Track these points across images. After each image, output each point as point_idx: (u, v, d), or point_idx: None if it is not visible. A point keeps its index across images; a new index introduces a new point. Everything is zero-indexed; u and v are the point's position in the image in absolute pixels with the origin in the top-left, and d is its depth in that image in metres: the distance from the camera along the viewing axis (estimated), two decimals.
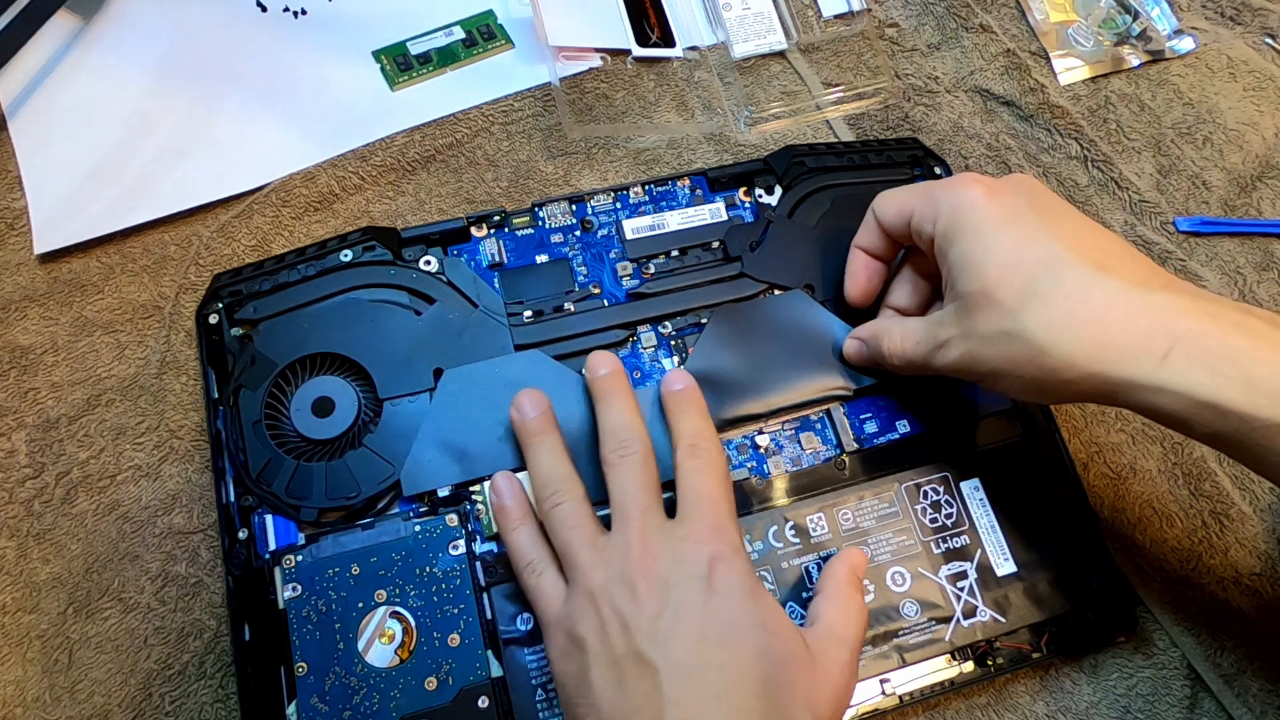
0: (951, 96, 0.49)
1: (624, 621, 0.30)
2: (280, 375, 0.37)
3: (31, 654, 0.36)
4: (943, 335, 0.34)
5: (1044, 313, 0.30)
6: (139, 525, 0.38)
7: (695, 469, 0.33)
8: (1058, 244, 0.31)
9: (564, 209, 0.42)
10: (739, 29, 0.49)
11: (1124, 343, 0.29)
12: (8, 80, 0.45)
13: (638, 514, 0.32)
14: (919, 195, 0.35)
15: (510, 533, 0.34)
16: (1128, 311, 0.30)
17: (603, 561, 0.31)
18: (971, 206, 0.33)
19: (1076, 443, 0.42)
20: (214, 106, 0.45)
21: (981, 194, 0.33)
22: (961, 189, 0.33)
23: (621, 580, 0.30)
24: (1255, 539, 0.40)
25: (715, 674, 0.29)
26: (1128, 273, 0.31)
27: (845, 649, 0.31)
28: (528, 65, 0.48)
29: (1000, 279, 0.31)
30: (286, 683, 0.33)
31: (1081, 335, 0.30)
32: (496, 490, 0.35)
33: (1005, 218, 0.32)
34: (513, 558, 0.34)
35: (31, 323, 0.41)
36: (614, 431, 0.34)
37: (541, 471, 0.34)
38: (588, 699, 0.29)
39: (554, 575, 0.33)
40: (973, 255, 0.32)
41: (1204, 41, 0.51)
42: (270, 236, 0.43)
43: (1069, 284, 0.30)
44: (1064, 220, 0.32)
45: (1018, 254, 0.31)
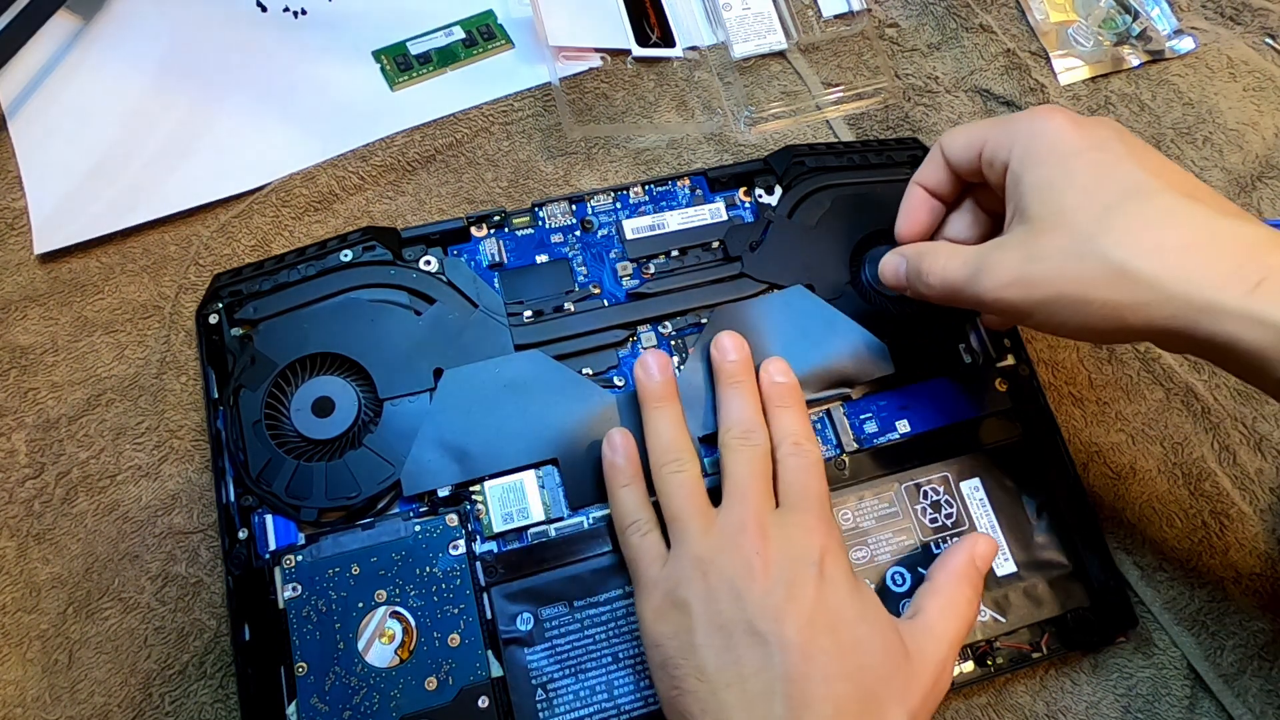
0: (951, 96, 0.49)
1: (736, 592, 0.30)
2: (280, 375, 0.37)
3: (31, 654, 0.36)
4: (998, 257, 0.32)
5: (1125, 235, 0.29)
6: (139, 525, 0.38)
7: (801, 467, 0.34)
8: (1143, 172, 0.30)
9: (564, 209, 0.42)
10: (739, 29, 0.49)
11: (1214, 268, 0.28)
12: (8, 80, 0.45)
13: (754, 497, 0.33)
14: (993, 125, 0.34)
15: (620, 489, 0.35)
16: (1215, 237, 0.28)
17: (715, 532, 0.32)
18: (1056, 132, 0.31)
19: (1076, 443, 0.42)
20: (214, 106, 0.45)
21: (1065, 122, 0.32)
22: (1044, 117, 0.32)
23: (734, 552, 0.31)
24: (1255, 539, 0.40)
25: (823, 658, 0.29)
26: (1217, 204, 0.30)
27: (942, 646, 0.32)
28: (528, 65, 0.48)
29: (1079, 202, 0.30)
30: (286, 683, 0.33)
31: (1167, 258, 0.28)
32: (612, 445, 0.36)
33: (1089, 144, 0.31)
34: (617, 514, 0.35)
35: (31, 323, 0.41)
36: (740, 421, 0.35)
37: (663, 437, 0.35)
38: (692, 660, 0.30)
39: (658, 537, 0.34)
40: (1051, 180, 0.31)
41: (1204, 41, 0.51)
42: (270, 236, 0.43)
43: (1153, 209, 0.29)
44: (1149, 155, 0.31)
45: (1100, 179, 0.30)
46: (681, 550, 0.32)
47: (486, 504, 0.36)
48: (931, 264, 0.34)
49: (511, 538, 0.36)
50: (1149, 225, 0.29)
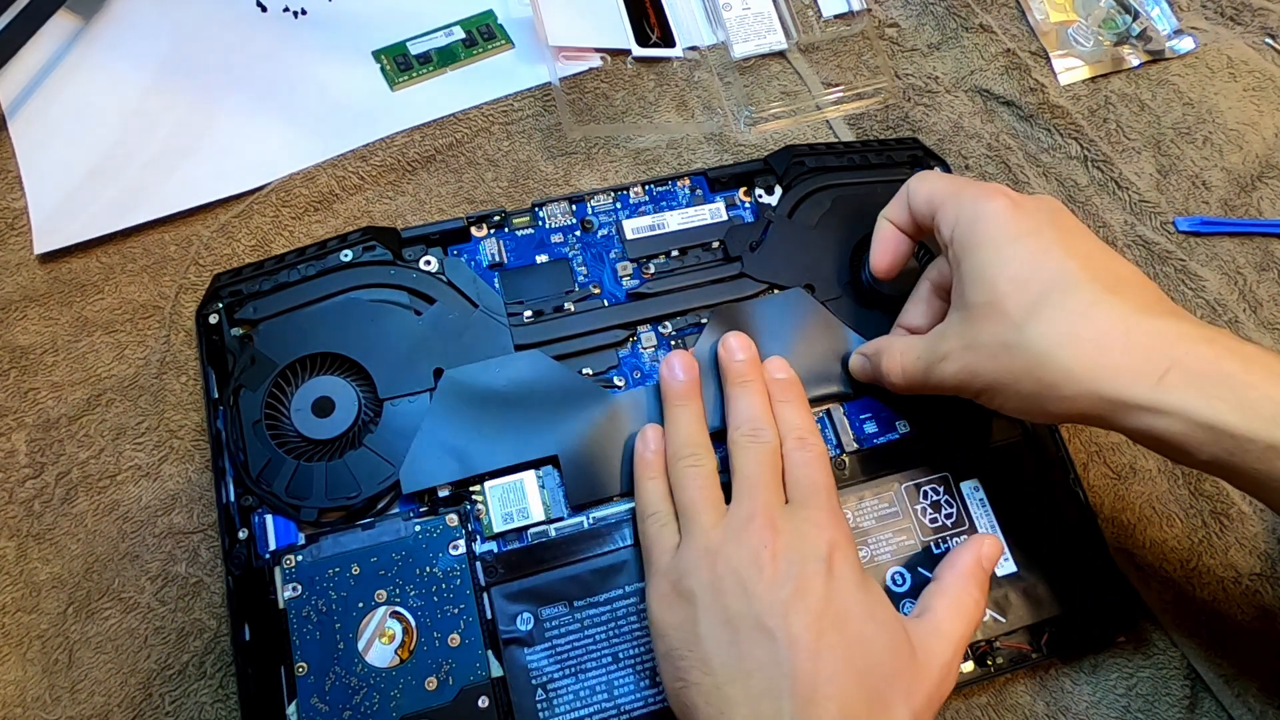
0: (951, 96, 0.49)
1: (742, 585, 0.30)
2: (280, 375, 0.37)
3: (31, 654, 0.36)
4: (944, 348, 0.34)
5: (1048, 326, 0.30)
6: (139, 525, 0.38)
7: (806, 461, 0.35)
8: (1071, 262, 0.31)
9: (564, 209, 0.42)
10: (739, 29, 0.49)
11: (1123, 362, 0.29)
12: (8, 80, 0.45)
13: (764, 491, 0.33)
14: (948, 193, 0.35)
15: (645, 480, 0.36)
16: (1129, 332, 0.30)
17: (724, 525, 0.32)
18: (992, 216, 0.33)
19: (1076, 443, 0.42)
20: (214, 106, 0.45)
21: (1004, 206, 0.33)
22: (986, 198, 0.33)
23: (742, 545, 0.31)
24: (1255, 539, 0.40)
25: (830, 655, 0.29)
26: (1135, 298, 0.31)
27: (949, 646, 0.32)
28: (528, 65, 0.48)
29: (1009, 291, 0.31)
30: (286, 683, 0.33)
31: (1082, 351, 0.30)
32: (645, 439, 0.36)
33: (1023, 231, 0.32)
34: (640, 504, 0.35)
35: (31, 323, 0.41)
36: (750, 419, 0.36)
37: (681, 433, 0.36)
38: (696, 652, 0.30)
39: (674, 530, 0.34)
40: (986, 266, 0.32)
41: (1204, 41, 0.51)
42: (270, 236, 0.43)
43: (1076, 301, 0.30)
44: (1081, 241, 0.32)
45: (1030, 268, 0.31)
46: (691, 541, 0.33)
47: (486, 504, 0.36)
48: (889, 363, 0.36)
49: (511, 538, 0.36)
50: (1069, 318, 0.30)
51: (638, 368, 0.39)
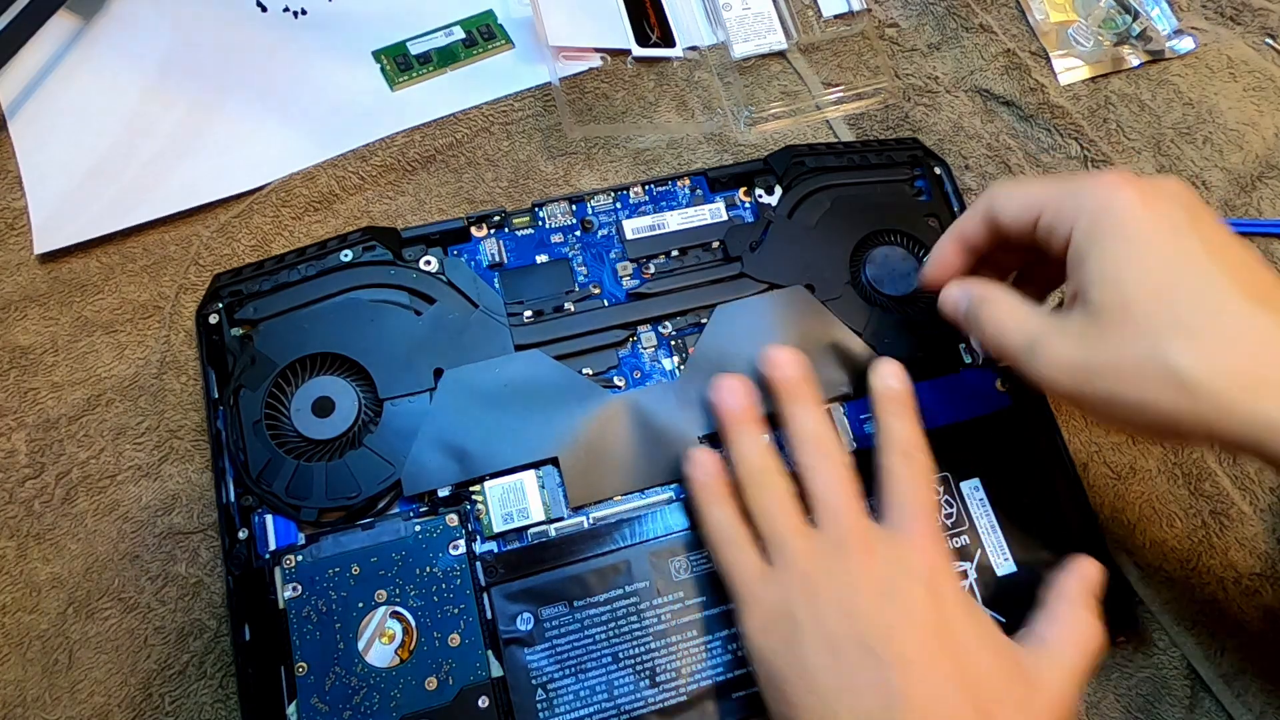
0: (951, 96, 0.49)
1: (844, 608, 0.29)
2: (280, 375, 0.37)
3: (31, 654, 0.36)
4: (1058, 339, 0.30)
5: (1196, 345, 0.28)
6: (139, 525, 0.38)
7: (910, 476, 0.33)
8: (1217, 270, 0.28)
9: (564, 209, 0.42)
10: (739, 29, 0.49)
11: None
12: (8, 80, 0.45)
13: (850, 513, 0.32)
14: (1054, 190, 0.32)
15: (712, 506, 0.34)
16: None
17: (817, 550, 0.31)
18: (1126, 209, 0.30)
19: (1076, 443, 0.42)
20: (214, 106, 0.45)
21: (1136, 197, 0.30)
22: (1113, 189, 0.30)
23: (839, 569, 0.30)
24: (1255, 539, 0.40)
25: (941, 680, 0.28)
26: None
27: (1067, 676, 0.30)
28: (528, 65, 0.48)
29: (1148, 299, 0.28)
30: (286, 683, 0.33)
31: (1238, 373, 0.27)
32: (699, 464, 0.35)
33: (1162, 230, 0.29)
34: (712, 532, 0.34)
35: (31, 323, 0.41)
36: (813, 437, 0.34)
37: (752, 458, 0.34)
38: (803, 677, 0.29)
39: (756, 554, 0.33)
40: (1119, 267, 0.29)
41: (1204, 41, 0.51)
42: (270, 236, 0.43)
43: (1227, 318, 0.28)
44: (1220, 240, 0.29)
45: (1173, 275, 0.28)
46: (784, 566, 0.31)
47: (486, 504, 0.36)
48: (991, 317, 0.33)
49: (511, 538, 0.36)
50: (1220, 335, 0.28)
51: (638, 368, 0.39)
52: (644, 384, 0.39)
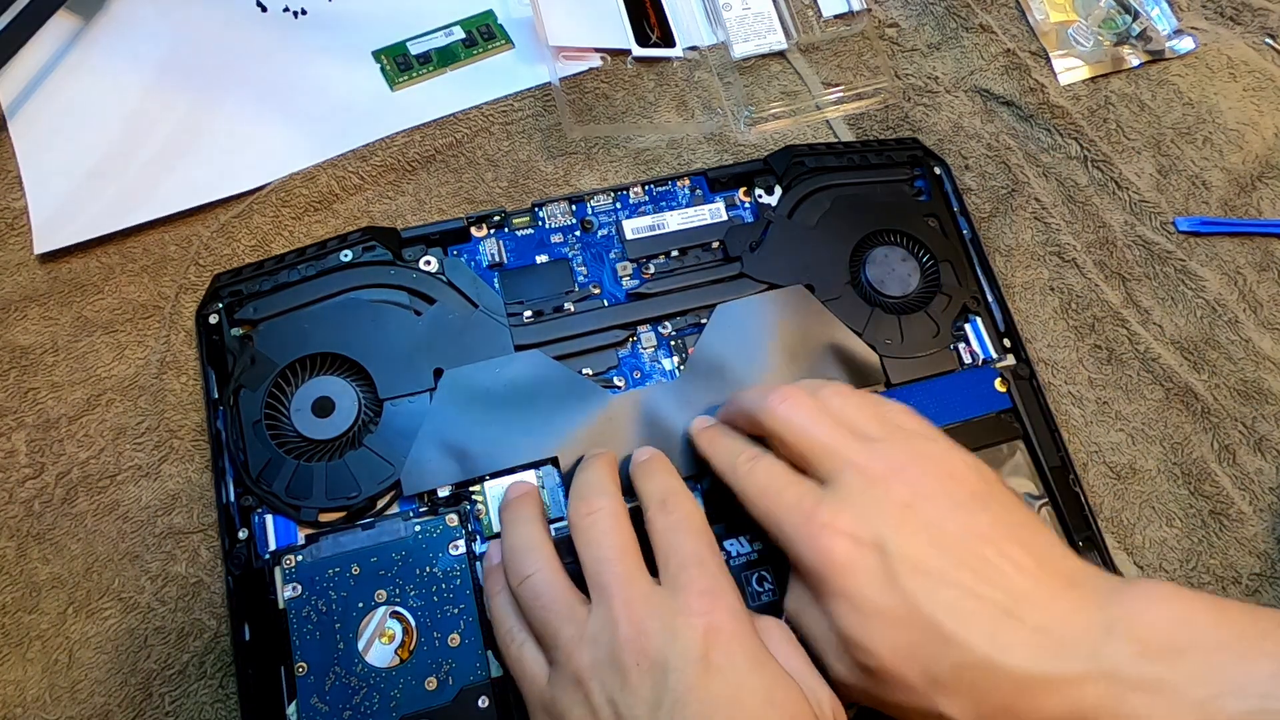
0: (951, 96, 0.49)
1: (617, 710, 0.27)
2: (280, 375, 0.37)
3: (31, 654, 0.36)
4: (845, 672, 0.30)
5: (959, 699, 0.28)
6: (139, 525, 0.38)
7: (670, 526, 0.31)
8: (943, 614, 0.28)
9: (564, 209, 0.42)
10: (739, 29, 0.49)
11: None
12: (8, 80, 0.45)
13: (618, 583, 0.29)
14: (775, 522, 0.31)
15: (491, 599, 0.33)
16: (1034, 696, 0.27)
17: (587, 640, 0.29)
18: (839, 574, 0.29)
19: (1076, 443, 0.42)
20: (214, 106, 0.45)
21: (846, 554, 0.29)
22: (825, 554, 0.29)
23: (610, 663, 0.28)
24: (1255, 539, 0.40)
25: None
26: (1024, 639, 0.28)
27: (826, 692, 0.30)
28: (528, 65, 0.48)
29: (901, 665, 0.28)
30: (286, 683, 0.33)
31: (1004, 714, 0.27)
32: (488, 556, 0.34)
33: (881, 585, 0.29)
34: (494, 628, 0.33)
35: (31, 323, 0.41)
36: (579, 491, 0.33)
37: (509, 543, 0.33)
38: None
39: (534, 650, 0.31)
40: (858, 633, 0.29)
41: (1204, 41, 0.51)
42: (270, 236, 0.43)
43: (972, 671, 0.27)
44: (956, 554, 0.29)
45: (912, 635, 0.28)
46: (559, 669, 0.29)
47: (486, 504, 0.36)
48: None
49: None
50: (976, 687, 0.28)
51: (638, 368, 0.39)
52: (644, 384, 0.39)
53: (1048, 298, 0.44)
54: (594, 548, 0.31)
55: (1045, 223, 0.46)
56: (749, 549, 0.36)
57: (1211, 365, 0.43)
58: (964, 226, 0.44)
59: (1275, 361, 0.43)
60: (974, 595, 0.28)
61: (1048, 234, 0.46)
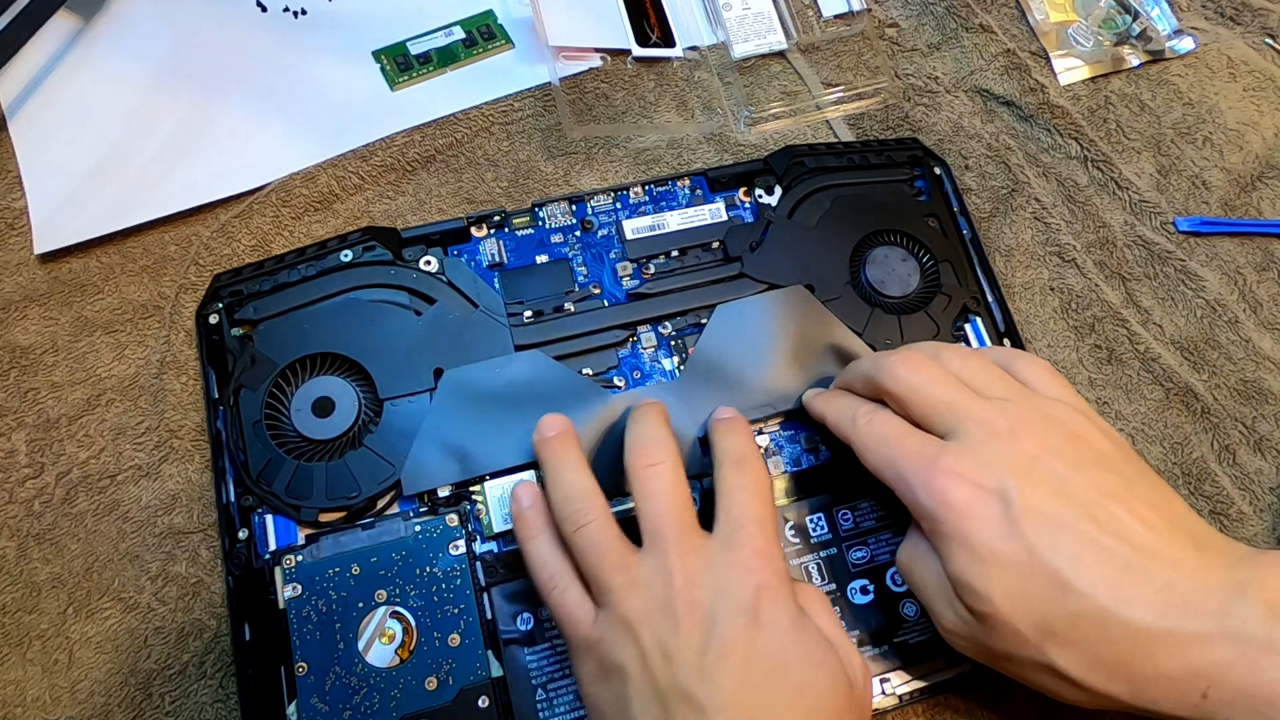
0: (951, 96, 0.49)
1: (667, 654, 0.28)
2: (280, 375, 0.37)
3: (31, 654, 0.36)
4: (954, 621, 0.30)
5: (1071, 650, 0.28)
6: (139, 525, 0.38)
7: (740, 486, 0.32)
8: (1065, 562, 0.28)
9: (564, 209, 0.42)
10: (739, 29, 0.49)
11: (1158, 687, 0.27)
12: (8, 80, 0.45)
13: (674, 535, 0.30)
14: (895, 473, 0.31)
15: (528, 542, 0.32)
16: (1153, 652, 0.27)
17: (640, 586, 0.29)
18: (959, 519, 0.29)
19: None
20: (214, 106, 0.45)
21: (966, 501, 0.29)
22: (943, 495, 0.29)
23: (663, 609, 0.29)
24: (1255, 539, 0.40)
25: (764, 714, 0.28)
26: (1147, 595, 0.27)
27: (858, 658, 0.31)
28: (528, 65, 0.48)
29: (1016, 613, 0.28)
30: (286, 683, 0.33)
31: (1115, 666, 0.28)
32: (516, 498, 0.33)
33: (1002, 533, 0.29)
34: (533, 572, 0.32)
35: (31, 323, 0.41)
36: (640, 440, 0.33)
37: (560, 489, 0.32)
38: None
39: (579, 593, 0.31)
40: (974, 579, 0.29)
41: (1204, 41, 0.51)
42: (270, 236, 0.43)
43: (1088, 620, 0.28)
44: (1079, 505, 0.29)
45: (1028, 584, 0.28)
46: (609, 611, 0.30)
47: (486, 504, 0.36)
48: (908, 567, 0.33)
49: (512, 538, 0.36)
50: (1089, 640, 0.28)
51: (638, 368, 0.39)
52: (644, 384, 0.39)
53: (1048, 298, 0.44)
54: (654, 500, 0.31)
55: (1045, 223, 0.46)
56: None
57: (1211, 365, 0.43)
58: (964, 226, 0.44)
59: (1275, 361, 0.43)
60: (1097, 546, 0.28)
61: (1048, 234, 0.46)
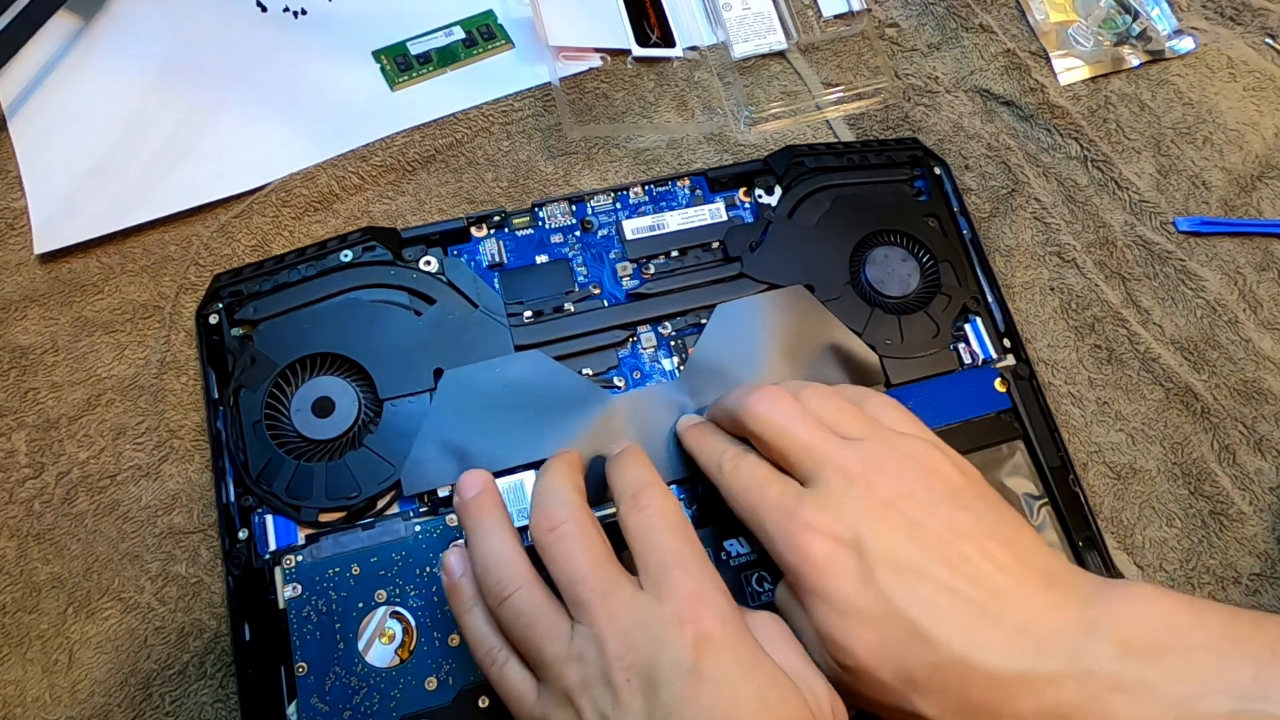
0: (951, 96, 0.49)
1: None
2: (280, 375, 0.37)
3: (31, 654, 0.36)
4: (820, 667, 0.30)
5: (936, 699, 0.28)
6: (139, 525, 0.38)
7: (644, 525, 0.30)
8: (919, 612, 0.28)
9: (564, 209, 0.42)
10: (739, 29, 0.49)
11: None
12: (8, 80, 0.45)
13: (597, 599, 0.28)
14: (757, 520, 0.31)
15: (461, 616, 0.31)
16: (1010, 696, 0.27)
17: (574, 657, 0.28)
18: (817, 575, 0.29)
19: (1076, 442, 0.42)
20: (214, 106, 0.45)
21: (825, 555, 0.29)
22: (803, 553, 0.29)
23: (601, 680, 0.27)
24: (1255, 539, 0.40)
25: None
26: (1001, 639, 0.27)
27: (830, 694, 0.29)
28: (528, 65, 0.48)
29: (877, 665, 0.28)
30: (286, 683, 0.33)
31: (980, 712, 0.27)
32: (445, 568, 0.31)
33: (858, 588, 0.28)
34: (471, 648, 0.31)
35: (31, 323, 0.41)
36: (538, 505, 0.31)
37: (480, 559, 0.30)
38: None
39: (518, 668, 0.29)
40: (835, 632, 0.28)
41: (1204, 41, 0.51)
42: (270, 236, 0.43)
43: (949, 670, 0.27)
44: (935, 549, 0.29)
45: (887, 634, 0.28)
46: (548, 687, 0.28)
47: None
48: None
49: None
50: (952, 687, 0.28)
51: (638, 368, 0.39)
52: (644, 384, 0.39)
53: (1048, 298, 0.44)
54: (566, 567, 0.29)
55: (1045, 223, 0.46)
56: (747, 550, 0.36)
57: (1211, 365, 0.43)
58: (964, 226, 0.44)
59: (1275, 361, 0.43)
60: (951, 592, 0.28)
61: (1048, 234, 0.46)
